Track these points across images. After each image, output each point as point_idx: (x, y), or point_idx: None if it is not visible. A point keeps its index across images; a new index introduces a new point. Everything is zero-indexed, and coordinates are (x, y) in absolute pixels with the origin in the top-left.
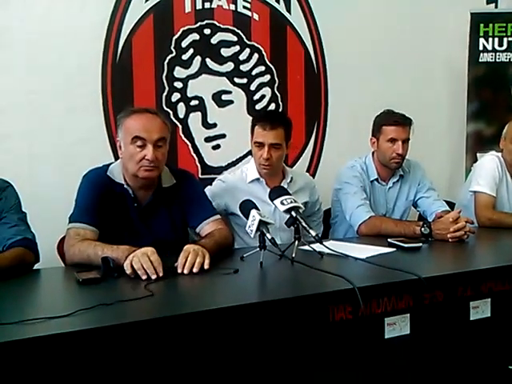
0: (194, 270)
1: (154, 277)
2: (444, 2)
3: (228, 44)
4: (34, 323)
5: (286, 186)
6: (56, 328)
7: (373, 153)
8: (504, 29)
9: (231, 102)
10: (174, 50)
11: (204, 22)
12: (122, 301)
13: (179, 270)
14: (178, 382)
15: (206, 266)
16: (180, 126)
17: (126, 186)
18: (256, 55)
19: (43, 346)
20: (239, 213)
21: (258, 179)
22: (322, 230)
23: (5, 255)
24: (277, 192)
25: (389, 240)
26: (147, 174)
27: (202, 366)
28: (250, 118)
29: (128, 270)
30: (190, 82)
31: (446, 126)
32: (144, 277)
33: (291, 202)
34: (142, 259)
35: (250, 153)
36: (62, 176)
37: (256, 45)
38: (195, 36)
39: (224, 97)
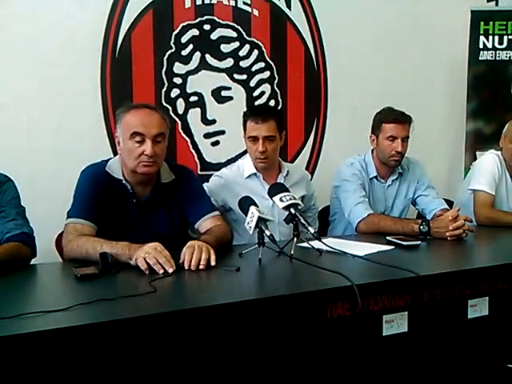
0: (201, 267)
1: (170, 270)
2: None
3: (228, 40)
4: (31, 317)
5: (283, 180)
6: (55, 323)
7: (372, 150)
8: (504, 27)
9: (231, 98)
10: (173, 46)
11: (204, 18)
12: (124, 296)
13: (186, 267)
14: (178, 377)
15: (212, 263)
16: (179, 122)
17: (124, 181)
18: (256, 51)
19: (42, 340)
20: (237, 208)
21: (255, 174)
22: (321, 227)
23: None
24: (276, 189)
25: (387, 238)
26: (146, 169)
27: (200, 362)
28: None
29: (143, 266)
30: (190, 77)
31: (445, 124)
32: (161, 271)
33: (290, 199)
34: (156, 255)
35: None
36: (60, 171)
37: (256, 41)
38: (195, 31)
39: (223, 93)
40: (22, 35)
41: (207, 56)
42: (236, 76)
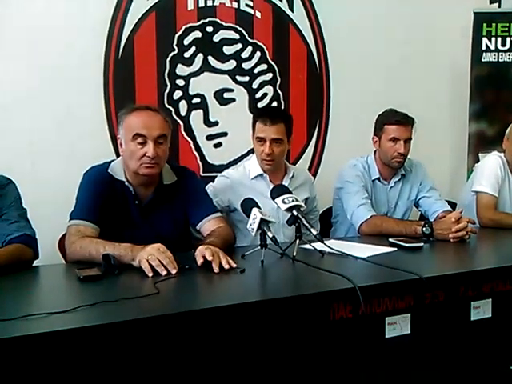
0: (226, 266)
1: (174, 271)
2: (447, 1)
3: (230, 42)
4: (34, 319)
5: (288, 182)
6: (58, 324)
7: (375, 152)
8: (507, 28)
9: (233, 100)
10: (176, 48)
11: (206, 20)
12: (127, 298)
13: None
14: (181, 378)
15: (234, 265)
16: (182, 124)
17: (127, 183)
18: (258, 53)
19: (45, 342)
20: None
21: (261, 175)
22: (323, 229)
23: (2, 252)
24: (278, 190)
25: (390, 239)
26: (148, 170)
27: (203, 364)
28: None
29: (147, 268)
30: (192, 79)
31: (448, 125)
32: (164, 273)
33: (292, 201)
34: (159, 256)
35: (251, 151)
36: (63, 173)
37: (258, 43)
38: (197, 34)
39: (226, 95)
40: (24, 37)
41: (210, 58)
42: (238, 78)
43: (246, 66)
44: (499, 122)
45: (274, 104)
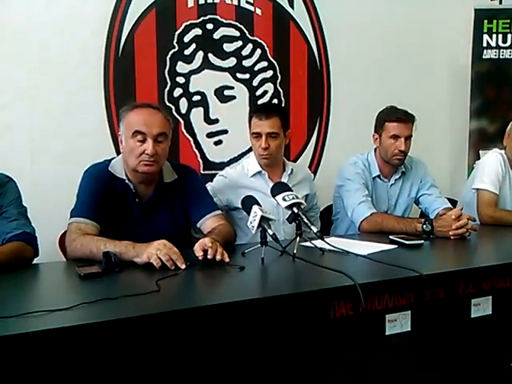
0: (218, 257)
1: (183, 266)
2: None
3: (230, 39)
4: (35, 316)
5: (287, 179)
6: (58, 322)
7: (375, 149)
8: (508, 25)
9: (233, 97)
10: (176, 45)
11: (207, 17)
12: (127, 295)
13: (210, 257)
14: (181, 376)
15: (227, 259)
16: (182, 122)
17: (127, 181)
18: (259, 50)
19: (46, 339)
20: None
21: (259, 172)
22: (324, 227)
23: (2, 250)
24: (278, 188)
25: (390, 237)
26: (146, 168)
27: (203, 361)
28: None
29: (158, 263)
30: (193, 77)
31: (448, 122)
32: (173, 267)
33: (293, 198)
34: (169, 251)
35: (251, 149)
36: (63, 171)
37: (259, 40)
38: (198, 31)
39: (226, 92)
40: (24, 35)
41: (210, 55)
42: (239, 75)
43: (247, 63)
44: (500, 119)
45: (275, 101)
